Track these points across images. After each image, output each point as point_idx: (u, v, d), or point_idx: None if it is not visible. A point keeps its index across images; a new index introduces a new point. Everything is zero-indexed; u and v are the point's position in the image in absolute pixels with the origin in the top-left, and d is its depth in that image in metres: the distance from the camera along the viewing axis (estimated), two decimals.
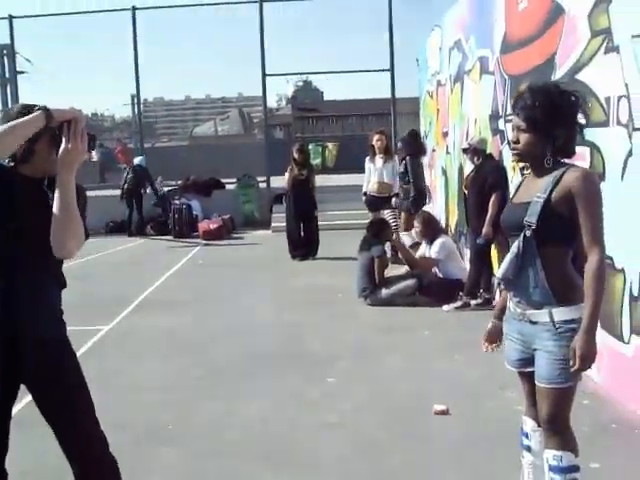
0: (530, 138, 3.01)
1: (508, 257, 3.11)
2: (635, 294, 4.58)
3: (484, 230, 7.47)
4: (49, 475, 3.94)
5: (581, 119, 3.05)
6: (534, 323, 3.10)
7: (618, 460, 3.99)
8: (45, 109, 2.59)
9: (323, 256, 11.74)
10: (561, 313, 3.01)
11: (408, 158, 10.74)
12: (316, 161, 22.34)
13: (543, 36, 6.10)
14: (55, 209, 2.61)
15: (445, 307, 7.88)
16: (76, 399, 2.83)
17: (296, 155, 11.76)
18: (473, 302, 7.85)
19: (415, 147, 10.72)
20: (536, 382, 3.13)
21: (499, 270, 3.18)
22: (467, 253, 8.70)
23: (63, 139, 2.59)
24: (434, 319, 7.48)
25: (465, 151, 8.14)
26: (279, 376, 5.77)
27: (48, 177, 2.72)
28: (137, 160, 17.03)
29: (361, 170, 11.80)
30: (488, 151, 7.80)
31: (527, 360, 3.19)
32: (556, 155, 3.03)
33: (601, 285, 2.94)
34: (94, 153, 23.57)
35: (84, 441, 2.84)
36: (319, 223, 12.12)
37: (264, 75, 18.21)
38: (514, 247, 3.08)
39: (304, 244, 11.86)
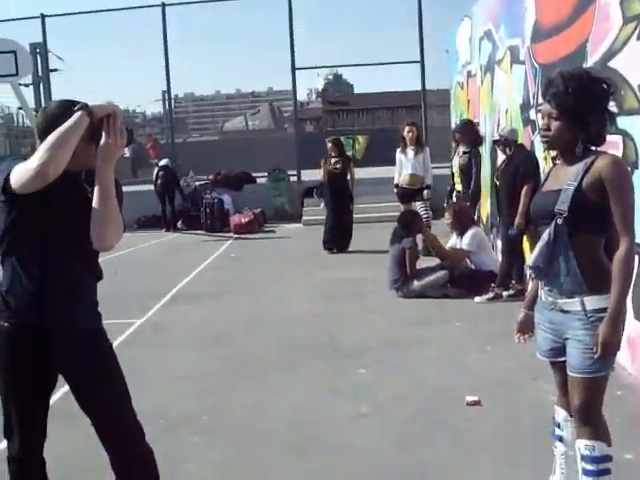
0: (561, 125, 2.98)
1: (539, 246, 3.09)
2: None
3: (516, 221, 7.40)
4: (86, 464, 4.00)
5: (612, 107, 3.01)
6: (565, 312, 3.08)
7: None
8: (86, 107, 2.64)
9: (354, 249, 11.73)
10: (593, 302, 2.99)
11: (472, 150, 10.18)
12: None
13: (574, 24, 6.02)
14: (95, 203, 2.66)
15: (477, 299, 7.85)
16: (113, 390, 2.87)
17: (330, 148, 11.75)
18: (505, 293, 7.80)
19: (475, 137, 10.22)
20: (568, 372, 3.11)
21: (530, 259, 3.16)
22: (499, 244, 8.63)
23: (103, 134, 2.64)
24: (466, 311, 7.45)
25: (496, 142, 8.07)
26: (310, 367, 5.79)
27: (86, 171, 2.76)
28: (163, 162, 17.11)
29: (391, 163, 11.76)
30: (519, 141, 7.73)
31: (559, 350, 3.17)
32: (587, 143, 3.00)
33: (628, 273, 2.92)
34: (126, 149, 23.79)
35: (120, 431, 2.88)
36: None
37: (294, 69, 18.24)
38: (545, 235, 3.05)
39: (337, 237, 11.76)
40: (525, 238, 7.75)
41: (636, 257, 3.01)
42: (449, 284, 8.20)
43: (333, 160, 11.68)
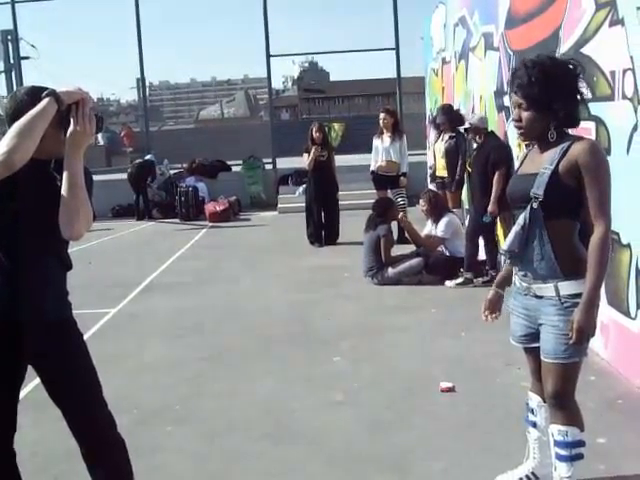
0: (531, 115, 2.98)
1: (514, 230, 3.09)
2: None
3: (489, 208, 7.44)
4: (58, 456, 3.96)
5: (582, 87, 3.00)
6: (539, 297, 3.09)
7: (624, 436, 3.97)
8: (53, 93, 2.57)
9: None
10: (567, 287, 2.99)
11: (457, 134, 9.96)
12: None
13: (548, 10, 6.03)
14: (63, 191, 2.60)
15: (447, 283, 7.89)
16: (83, 381, 2.83)
17: (315, 135, 11.13)
18: (480, 279, 7.83)
19: (458, 118, 10.06)
20: (542, 357, 3.12)
21: (505, 243, 3.16)
22: None
23: (71, 121, 2.58)
24: (440, 297, 7.47)
25: (467, 130, 8.10)
26: (285, 356, 5.77)
27: (55, 160, 2.70)
28: (148, 157, 17.10)
29: (367, 150, 11.71)
30: (490, 129, 7.75)
31: (532, 336, 3.18)
32: (560, 127, 3.00)
33: (604, 258, 2.91)
34: (100, 137, 23.61)
35: (92, 422, 2.85)
36: None
37: (268, 56, 18.14)
38: (520, 219, 3.05)
39: (326, 230, 11.44)
40: (499, 224, 7.80)
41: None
42: (424, 271, 8.21)
43: (319, 147, 11.12)
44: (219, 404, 4.82)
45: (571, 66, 3.00)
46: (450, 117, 9.26)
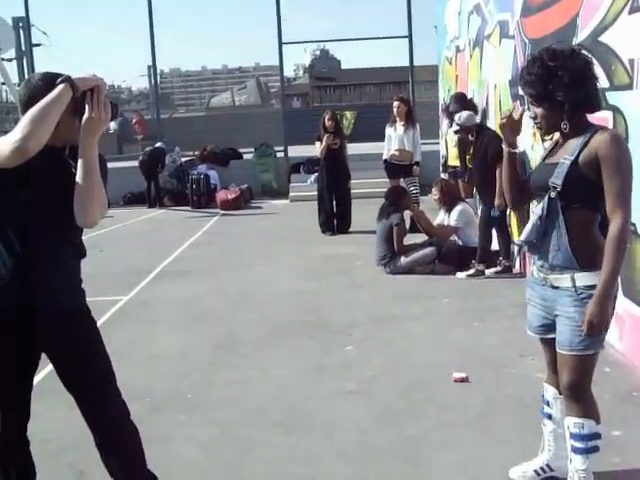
0: (543, 111, 2.99)
1: (532, 220, 3.07)
2: None
3: (496, 202, 7.44)
4: (71, 443, 3.96)
5: (590, 71, 2.96)
6: (556, 288, 3.06)
7: (639, 428, 3.94)
8: (69, 79, 2.55)
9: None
10: (583, 278, 2.96)
11: None
12: None
13: None
14: (78, 177, 2.59)
15: (459, 274, 7.85)
16: (97, 369, 2.82)
17: (328, 123, 11.11)
18: (492, 270, 7.80)
19: (471, 108, 9.95)
20: (557, 349, 3.10)
21: (523, 233, 3.13)
22: None
23: (86, 107, 2.56)
24: (453, 287, 7.44)
25: (457, 132, 8.08)
26: (297, 344, 5.76)
27: (70, 147, 2.69)
28: (158, 144, 17.10)
29: (379, 139, 11.65)
30: (482, 124, 7.76)
31: (549, 326, 3.16)
32: (573, 116, 2.96)
33: (620, 251, 2.88)
34: (112, 124, 23.61)
35: (106, 411, 2.84)
36: None
37: (280, 44, 18.08)
38: (538, 209, 3.03)
39: (337, 218, 11.42)
40: (513, 215, 7.75)
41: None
42: (437, 260, 8.18)
43: (331, 135, 11.10)
44: (231, 392, 4.81)
45: (574, 53, 2.97)
46: (463, 105, 9.17)
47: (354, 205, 11.59)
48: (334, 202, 11.41)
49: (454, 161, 9.87)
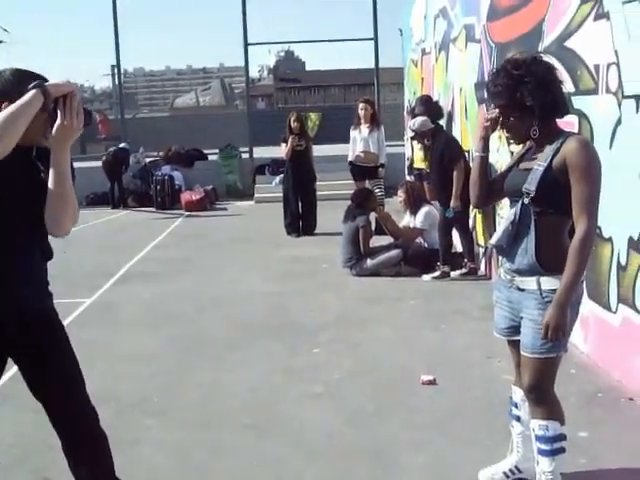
0: (513, 121, 3.02)
1: (503, 224, 3.10)
2: (622, 263, 4.56)
3: (452, 203, 7.53)
4: (36, 448, 3.89)
5: (554, 77, 3.00)
6: (522, 290, 3.09)
7: (605, 429, 4.00)
8: (41, 85, 2.47)
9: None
10: (549, 282, 2.99)
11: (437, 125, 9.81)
12: None
13: (531, 2, 6.01)
14: (51, 186, 2.53)
15: (424, 277, 7.89)
16: (66, 373, 2.77)
17: (293, 124, 11.12)
18: (457, 272, 7.86)
19: (436, 110, 9.96)
20: (521, 351, 3.13)
21: (493, 237, 3.16)
22: None
23: (59, 114, 2.48)
24: (419, 289, 7.47)
25: (413, 138, 8.15)
26: (264, 346, 5.74)
27: (37, 147, 2.63)
28: (122, 145, 16.93)
29: (343, 141, 11.67)
30: (436, 126, 7.84)
31: (516, 328, 3.18)
32: (543, 122, 2.99)
33: (583, 257, 2.90)
34: None
35: (75, 415, 2.78)
36: None
37: (246, 45, 18.02)
38: (510, 214, 3.06)
39: (304, 220, 11.42)
40: (480, 217, 7.82)
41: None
42: (402, 262, 8.21)
43: (297, 137, 11.12)
44: (199, 395, 4.78)
45: (536, 59, 3.02)
46: (429, 108, 9.21)
47: (319, 207, 11.59)
48: (299, 204, 11.40)
49: (420, 163, 9.90)
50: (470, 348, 5.42)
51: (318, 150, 12.81)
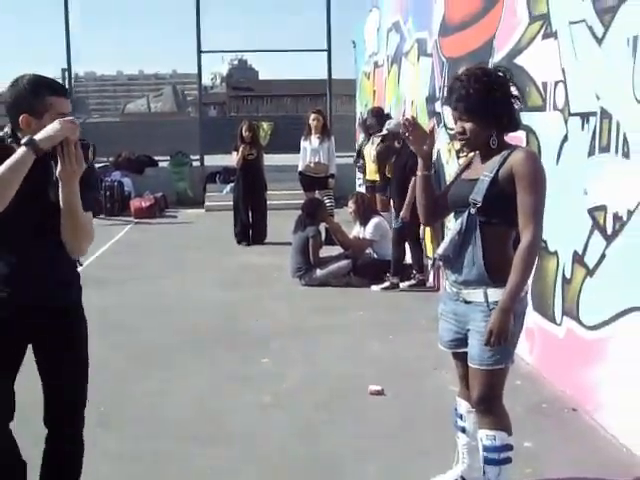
0: (476, 127, 3.02)
1: (450, 235, 3.12)
2: (567, 276, 4.67)
3: (402, 213, 7.56)
4: None
5: (515, 92, 3.06)
6: (468, 302, 3.11)
7: (549, 439, 4.08)
8: (32, 142, 2.52)
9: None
10: (495, 294, 3.02)
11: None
12: None
13: (482, 20, 6.13)
14: (63, 217, 2.65)
15: (373, 287, 7.93)
16: (83, 370, 3.01)
17: (245, 133, 11.07)
18: (406, 283, 7.92)
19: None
20: (468, 363, 3.15)
21: (440, 248, 3.18)
22: None
23: (59, 160, 2.56)
24: (368, 300, 7.52)
25: (385, 137, 8.19)
26: (213, 356, 5.71)
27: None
28: None
29: (294, 150, 11.69)
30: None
31: (461, 341, 3.21)
32: (502, 133, 3.05)
33: (527, 267, 2.95)
34: None
35: (78, 413, 3.02)
36: None
37: (199, 52, 17.90)
38: (457, 225, 3.08)
39: (254, 229, 11.38)
40: (428, 229, 7.88)
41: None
42: (352, 273, 8.25)
43: (248, 146, 11.06)
44: (147, 404, 4.73)
45: (501, 73, 3.07)
46: (380, 120, 9.29)
47: (270, 216, 11.58)
48: (250, 212, 11.38)
49: (372, 175, 9.93)
50: (418, 359, 5.47)
51: (269, 159, 12.80)
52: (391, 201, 8.31)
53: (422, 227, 7.93)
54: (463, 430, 3.43)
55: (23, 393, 2.96)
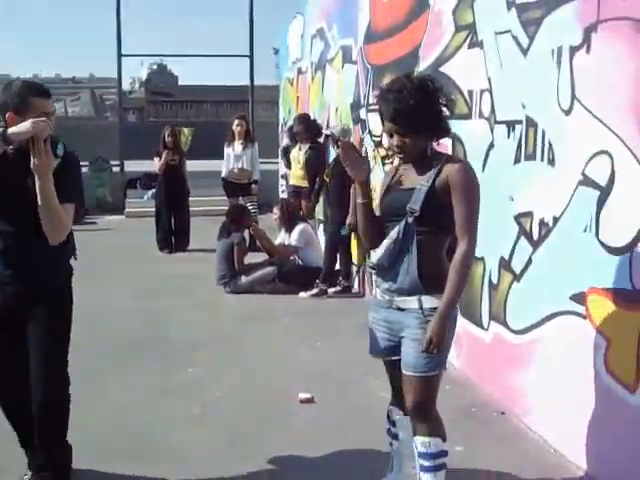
0: (413, 139, 2.99)
1: (385, 243, 3.09)
2: (494, 281, 4.73)
3: (348, 219, 7.50)
4: None
5: (443, 99, 3.05)
6: (402, 310, 3.10)
7: (479, 442, 4.12)
8: (2, 134, 2.91)
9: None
10: (430, 301, 3.03)
11: (316, 144, 9.44)
12: None
13: (408, 28, 6.17)
14: (39, 208, 3.04)
15: (302, 294, 7.90)
16: (67, 340, 3.65)
17: (168, 139, 10.95)
18: (332, 290, 7.92)
19: (316, 130, 9.49)
20: (402, 370, 3.13)
21: (374, 256, 3.16)
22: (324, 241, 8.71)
23: (31, 153, 2.92)
24: (294, 307, 7.47)
25: (328, 137, 8.15)
26: (136, 366, 5.56)
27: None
28: None
29: (217, 156, 11.58)
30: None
31: (393, 348, 3.19)
32: (437, 141, 3.06)
33: (463, 275, 2.98)
34: None
35: (59, 376, 3.53)
36: None
37: (120, 56, 17.55)
38: (393, 233, 3.05)
39: (176, 236, 11.21)
40: (352, 236, 7.89)
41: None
42: (277, 280, 8.19)
43: (170, 152, 10.95)
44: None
45: (429, 82, 3.06)
46: (307, 126, 9.26)
47: (192, 222, 11.42)
48: (172, 219, 11.21)
49: (299, 181, 9.82)
50: (346, 366, 5.45)
51: (191, 165, 12.64)
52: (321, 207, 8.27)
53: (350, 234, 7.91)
54: (395, 437, 3.42)
55: None
